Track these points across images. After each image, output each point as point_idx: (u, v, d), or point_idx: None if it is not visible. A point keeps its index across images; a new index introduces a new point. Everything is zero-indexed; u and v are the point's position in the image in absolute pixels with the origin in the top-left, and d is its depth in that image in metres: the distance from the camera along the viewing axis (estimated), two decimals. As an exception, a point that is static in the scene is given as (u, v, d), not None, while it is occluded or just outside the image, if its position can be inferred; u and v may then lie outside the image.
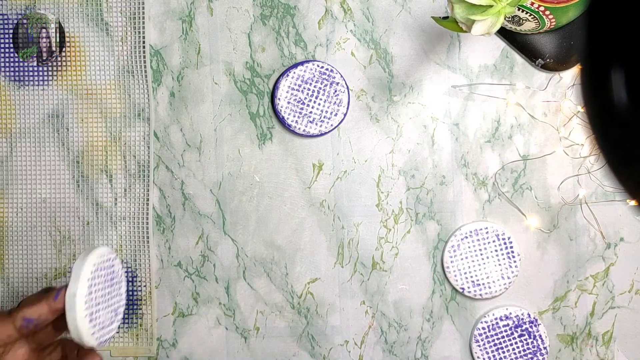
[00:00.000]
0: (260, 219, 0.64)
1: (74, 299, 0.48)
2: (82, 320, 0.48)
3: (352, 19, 0.63)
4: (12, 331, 0.49)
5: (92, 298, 0.50)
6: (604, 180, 0.62)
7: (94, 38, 0.65)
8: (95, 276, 0.50)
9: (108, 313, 0.52)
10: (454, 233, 0.63)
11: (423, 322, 0.64)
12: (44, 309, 0.49)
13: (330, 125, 0.63)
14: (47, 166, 0.65)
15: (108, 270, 0.52)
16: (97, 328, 0.50)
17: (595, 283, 0.63)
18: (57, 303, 0.49)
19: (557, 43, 0.60)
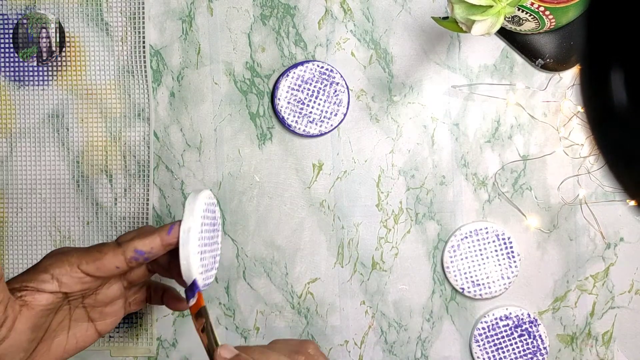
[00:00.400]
0: (260, 219, 0.64)
1: (188, 234, 0.48)
2: (194, 257, 0.48)
3: (352, 19, 0.63)
4: (122, 263, 0.49)
5: (202, 237, 0.49)
6: (603, 181, 0.62)
7: (94, 38, 0.65)
8: (204, 216, 0.50)
9: (210, 257, 0.52)
10: (453, 233, 0.63)
11: (423, 322, 0.64)
12: (156, 241, 0.48)
13: (330, 125, 0.63)
14: (47, 166, 0.65)
15: (212, 214, 0.52)
16: (204, 269, 0.50)
17: (595, 283, 0.63)
18: (170, 237, 0.48)
19: (557, 43, 0.60)
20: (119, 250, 0.48)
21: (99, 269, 0.48)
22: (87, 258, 0.48)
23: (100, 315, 0.52)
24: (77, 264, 0.48)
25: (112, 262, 0.48)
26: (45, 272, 0.48)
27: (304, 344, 0.48)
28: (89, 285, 0.49)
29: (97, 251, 0.48)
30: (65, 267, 0.48)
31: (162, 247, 0.49)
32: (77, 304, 0.51)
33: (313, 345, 0.49)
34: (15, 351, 0.46)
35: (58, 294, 0.48)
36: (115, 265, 0.48)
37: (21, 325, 0.46)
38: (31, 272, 0.48)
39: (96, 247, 0.49)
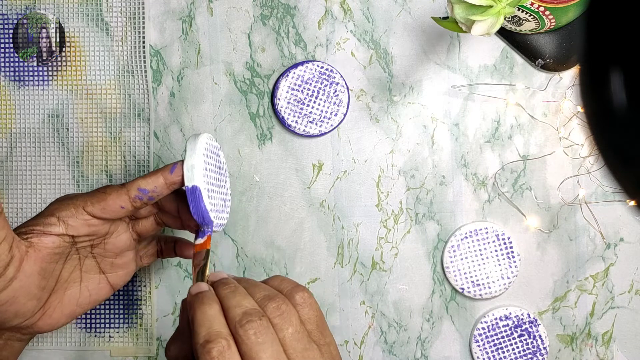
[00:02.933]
0: (260, 219, 0.64)
1: (192, 170, 0.48)
2: (202, 191, 0.48)
3: (352, 19, 0.63)
4: (126, 202, 0.49)
5: (207, 175, 0.49)
6: (603, 181, 0.62)
7: (94, 38, 0.65)
8: (208, 155, 0.49)
9: (219, 200, 0.51)
10: (453, 233, 0.63)
11: (423, 322, 0.64)
12: (159, 180, 0.49)
13: (330, 126, 0.63)
14: (47, 166, 0.65)
15: (216, 157, 0.52)
16: (214, 207, 0.49)
17: (595, 283, 0.63)
18: (174, 175, 0.49)
19: (557, 43, 0.60)
20: (122, 190, 0.49)
21: (104, 209, 0.49)
22: (91, 199, 0.49)
23: (112, 267, 0.53)
24: (83, 205, 0.49)
25: (116, 202, 0.49)
26: (51, 215, 0.48)
27: (294, 290, 0.44)
28: (96, 229, 0.50)
29: (101, 192, 0.49)
30: (70, 209, 0.49)
31: (166, 185, 0.49)
32: (86, 253, 0.52)
33: (303, 294, 0.44)
34: (25, 295, 0.47)
35: (65, 236, 0.49)
36: (120, 205, 0.49)
37: (29, 268, 0.47)
38: (38, 217, 0.49)
39: (100, 188, 0.50)
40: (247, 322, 0.40)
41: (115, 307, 0.65)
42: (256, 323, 0.40)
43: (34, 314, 0.49)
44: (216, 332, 0.40)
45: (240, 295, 0.43)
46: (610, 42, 0.25)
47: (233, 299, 0.42)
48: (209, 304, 0.42)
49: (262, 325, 0.41)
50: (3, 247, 0.44)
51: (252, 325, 0.40)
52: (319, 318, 0.44)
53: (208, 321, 0.41)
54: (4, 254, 0.44)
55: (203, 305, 0.42)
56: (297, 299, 0.44)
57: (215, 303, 0.42)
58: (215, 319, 0.41)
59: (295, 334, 0.42)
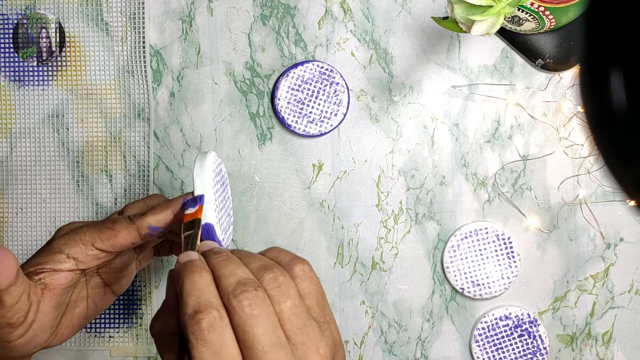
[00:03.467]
0: (260, 219, 0.64)
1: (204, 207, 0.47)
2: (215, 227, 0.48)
3: (352, 19, 0.63)
4: (137, 239, 0.49)
5: (216, 204, 0.49)
6: (603, 181, 0.62)
7: (94, 38, 0.65)
8: (215, 179, 0.49)
9: (226, 216, 0.51)
10: (453, 233, 0.63)
11: (423, 322, 0.64)
12: (170, 216, 0.48)
13: (330, 126, 0.63)
14: (47, 166, 0.65)
15: (220, 174, 0.51)
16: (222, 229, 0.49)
17: (595, 283, 0.63)
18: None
19: (557, 43, 0.60)
20: (132, 227, 0.48)
21: (114, 245, 0.49)
22: (100, 236, 0.48)
23: (116, 279, 0.53)
24: (92, 242, 0.48)
25: (127, 239, 0.48)
26: (60, 252, 0.48)
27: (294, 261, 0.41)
28: (105, 260, 0.50)
29: (109, 228, 0.48)
30: (79, 246, 0.48)
31: (177, 220, 0.49)
32: (93, 274, 0.52)
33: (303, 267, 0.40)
34: (42, 330, 0.48)
35: (76, 271, 0.49)
36: (131, 241, 0.49)
37: (45, 307, 0.47)
38: (45, 253, 0.49)
39: (108, 223, 0.49)
40: (241, 292, 0.37)
41: (115, 307, 0.65)
42: (251, 294, 0.37)
43: (48, 340, 0.49)
44: (207, 302, 0.36)
45: (233, 264, 0.39)
46: (610, 42, 0.25)
47: (226, 268, 0.38)
48: (199, 273, 0.38)
49: (257, 297, 0.37)
50: (23, 298, 0.45)
51: (247, 296, 0.36)
52: (319, 293, 0.40)
53: (198, 290, 0.37)
54: (23, 304, 0.45)
55: (192, 274, 0.38)
56: (297, 271, 0.40)
57: (206, 272, 0.38)
58: (206, 288, 0.37)
59: (294, 308, 0.38)
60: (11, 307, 0.44)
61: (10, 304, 0.44)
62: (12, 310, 0.44)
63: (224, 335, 0.36)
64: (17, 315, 0.45)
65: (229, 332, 0.36)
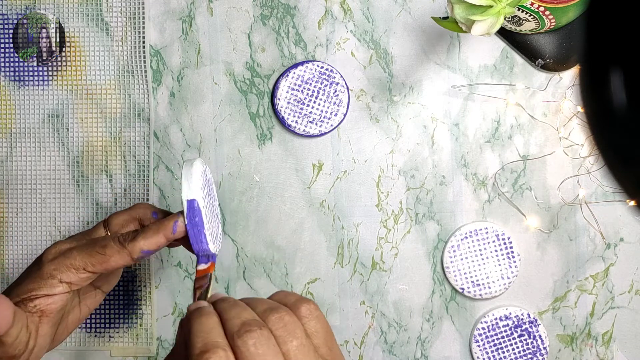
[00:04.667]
0: (260, 219, 0.64)
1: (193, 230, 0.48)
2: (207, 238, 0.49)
3: (352, 19, 0.63)
4: (129, 262, 0.49)
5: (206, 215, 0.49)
6: (603, 181, 0.62)
7: (94, 38, 0.65)
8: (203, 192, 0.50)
9: (215, 224, 0.52)
10: (453, 233, 0.63)
11: (423, 322, 0.64)
12: (162, 240, 0.49)
13: (330, 126, 0.63)
14: (47, 166, 0.65)
15: (207, 183, 0.52)
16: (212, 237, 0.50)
17: (595, 283, 0.63)
18: (176, 234, 0.49)
19: (557, 43, 0.60)
20: (124, 252, 0.49)
21: (106, 269, 0.49)
22: (92, 260, 0.49)
23: (105, 282, 0.54)
24: (83, 267, 0.49)
25: (118, 263, 0.49)
26: (52, 277, 0.49)
27: (300, 302, 0.41)
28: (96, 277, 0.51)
29: (100, 253, 0.49)
30: (71, 271, 0.49)
31: (167, 242, 0.50)
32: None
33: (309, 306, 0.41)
34: (42, 348, 0.49)
35: (69, 292, 0.49)
36: (123, 264, 0.49)
37: (43, 330, 0.48)
38: (37, 279, 0.49)
39: (98, 247, 0.49)
40: (245, 331, 0.37)
41: (115, 307, 0.65)
42: (256, 333, 0.37)
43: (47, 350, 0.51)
44: (213, 342, 0.37)
45: (239, 307, 0.40)
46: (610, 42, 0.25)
47: (231, 311, 0.39)
48: (206, 316, 0.39)
49: (262, 336, 0.37)
50: (22, 333, 0.46)
51: (252, 335, 0.37)
52: (326, 332, 0.40)
53: (205, 332, 0.38)
54: (23, 337, 0.46)
55: (200, 317, 0.39)
56: (303, 311, 0.40)
57: (213, 315, 0.40)
58: (213, 329, 0.38)
59: (301, 347, 0.38)
60: (11, 344, 0.45)
61: (11, 343, 0.45)
62: (13, 346, 0.45)
63: None
64: (18, 348, 0.46)
65: None
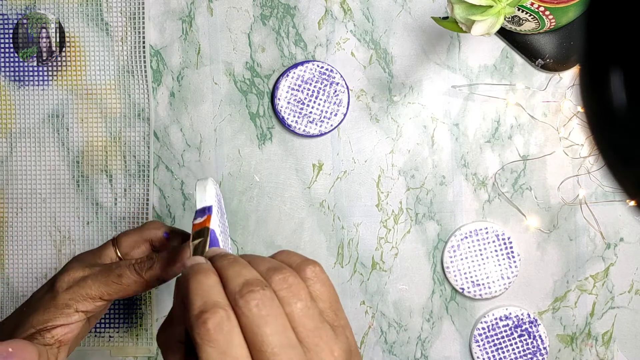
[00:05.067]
0: (260, 219, 0.64)
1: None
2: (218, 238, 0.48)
3: (352, 19, 0.63)
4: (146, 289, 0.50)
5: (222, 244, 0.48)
6: (603, 181, 0.62)
7: (94, 38, 0.65)
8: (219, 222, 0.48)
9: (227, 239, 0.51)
10: (453, 233, 0.63)
11: (423, 322, 0.64)
12: (178, 270, 0.49)
13: (330, 126, 0.63)
14: (47, 166, 0.65)
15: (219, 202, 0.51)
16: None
17: (595, 283, 0.63)
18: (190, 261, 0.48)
19: (557, 43, 0.60)
20: (141, 281, 0.49)
21: (122, 296, 0.50)
22: (108, 290, 0.49)
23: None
24: (99, 296, 0.49)
25: (135, 291, 0.49)
26: (68, 307, 0.49)
27: (305, 263, 0.39)
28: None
29: (116, 283, 0.49)
30: (87, 300, 0.49)
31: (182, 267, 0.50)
32: None
33: (314, 268, 0.39)
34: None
35: (85, 319, 0.50)
36: (139, 292, 0.50)
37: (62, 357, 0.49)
38: (52, 309, 0.49)
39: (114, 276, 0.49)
40: (248, 292, 0.35)
41: (115, 307, 0.65)
42: (259, 293, 0.35)
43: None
44: (213, 302, 0.35)
45: (240, 265, 0.38)
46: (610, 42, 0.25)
47: (232, 269, 0.37)
48: (205, 274, 0.37)
49: (265, 296, 0.35)
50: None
51: (254, 296, 0.35)
52: (332, 296, 0.38)
53: (204, 291, 0.36)
54: None
55: (198, 275, 0.37)
56: (308, 273, 0.38)
57: (212, 273, 0.37)
58: (213, 288, 0.36)
59: (305, 310, 0.36)
60: None
61: None
62: None
63: (232, 335, 0.35)
64: None
65: (237, 332, 0.35)
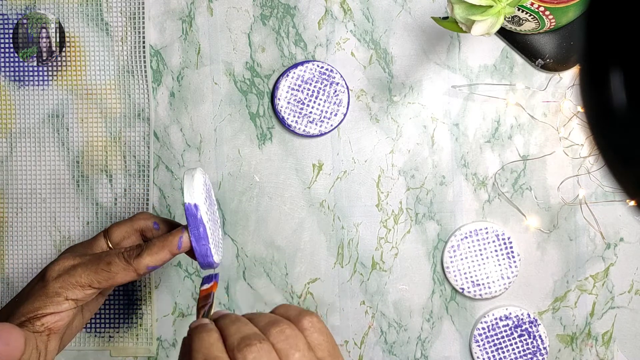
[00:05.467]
0: (260, 219, 0.64)
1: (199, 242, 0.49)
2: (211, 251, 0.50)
3: (352, 19, 0.63)
4: (135, 278, 0.50)
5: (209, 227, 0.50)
6: (603, 181, 0.62)
7: (94, 38, 0.65)
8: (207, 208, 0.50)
9: (216, 233, 0.52)
10: (453, 233, 0.63)
11: (423, 322, 0.64)
12: (167, 256, 0.50)
13: (330, 126, 0.63)
14: (47, 166, 0.65)
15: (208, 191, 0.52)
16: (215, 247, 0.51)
17: (595, 283, 0.63)
18: (181, 250, 0.50)
19: (557, 43, 0.60)
20: (130, 268, 0.49)
21: (111, 285, 0.50)
22: (97, 277, 0.49)
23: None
24: (89, 284, 0.49)
25: (124, 279, 0.50)
26: (57, 295, 0.49)
27: (302, 315, 0.41)
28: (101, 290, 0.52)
29: (105, 270, 0.49)
30: (77, 288, 0.49)
31: (172, 257, 0.50)
32: None
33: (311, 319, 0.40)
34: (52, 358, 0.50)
35: (75, 308, 0.50)
36: (128, 280, 0.50)
37: (52, 346, 0.49)
38: (42, 297, 0.49)
39: (103, 264, 0.49)
40: (245, 346, 0.37)
41: (115, 307, 0.65)
42: (255, 347, 0.37)
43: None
44: (214, 357, 0.37)
45: (240, 322, 0.40)
46: (610, 42, 0.25)
47: (233, 327, 0.39)
48: (207, 332, 0.39)
49: (262, 349, 0.37)
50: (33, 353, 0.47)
51: (251, 350, 0.37)
52: (330, 344, 0.40)
53: (205, 347, 0.38)
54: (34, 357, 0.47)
55: (201, 333, 0.39)
56: (305, 323, 0.40)
57: (214, 332, 0.39)
58: (214, 345, 0.38)
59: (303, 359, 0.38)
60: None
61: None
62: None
63: None
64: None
65: None
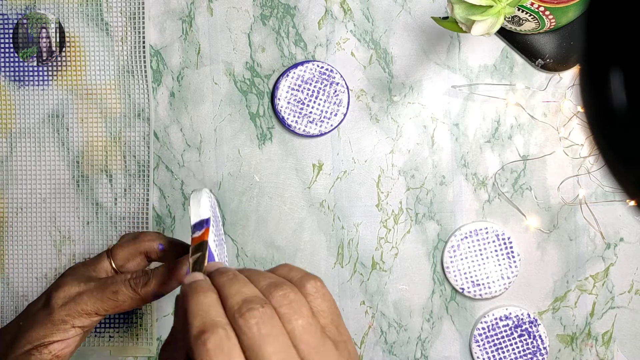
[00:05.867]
0: (260, 219, 0.64)
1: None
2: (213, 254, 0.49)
3: (352, 19, 0.63)
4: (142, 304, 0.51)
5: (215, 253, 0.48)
6: (603, 181, 0.62)
7: (94, 38, 0.65)
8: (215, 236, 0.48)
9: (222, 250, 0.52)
10: (453, 233, 0.63)
11: (423, 322, 0.64)
12: (174, 285, 0.50)
13: (330, 126, 0.63)
14: (47, 166, 0.65)
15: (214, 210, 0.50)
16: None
17: (595, 283, 0.63)
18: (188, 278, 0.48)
19: (557, 43, 0.60)
20: (137, 297, 0.49)
21: (118, 312, 0.50)
22: (104, 306, 0.49)
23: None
24: (95, 312, 0.49)
25: (131, 306, 0.50)
26: (64, 323, 0.49)
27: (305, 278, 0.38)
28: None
29: (112, 299, 0.49)
30: (83, 316, 0.49)
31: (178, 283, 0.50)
32: None
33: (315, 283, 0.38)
34: None
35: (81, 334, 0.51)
36: (134, 307, 0.50)
37: None
38: (49, 325, 0.49)
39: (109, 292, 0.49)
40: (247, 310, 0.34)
41: (115, 307, 0.65)
42: (258, 311, 0.34)
43: None
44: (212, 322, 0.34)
45: (240, 282, 0.37)
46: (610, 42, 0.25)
47: (232, 287, 0.36)
48: (203, 292, 0.36)
49: (265, 314, 0.34)
50: None
51: (254, 314, 0.34)
52: (333, 311, 0.38)
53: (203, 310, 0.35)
54: None
55: (197, 294, 0.36)
56: (309, 288, 0.37)
57: (211, 291, 0.37)
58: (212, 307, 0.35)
59: (307, 327, 0.35)
60: None
61: None
62: None
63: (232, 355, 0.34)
64: None
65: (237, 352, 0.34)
